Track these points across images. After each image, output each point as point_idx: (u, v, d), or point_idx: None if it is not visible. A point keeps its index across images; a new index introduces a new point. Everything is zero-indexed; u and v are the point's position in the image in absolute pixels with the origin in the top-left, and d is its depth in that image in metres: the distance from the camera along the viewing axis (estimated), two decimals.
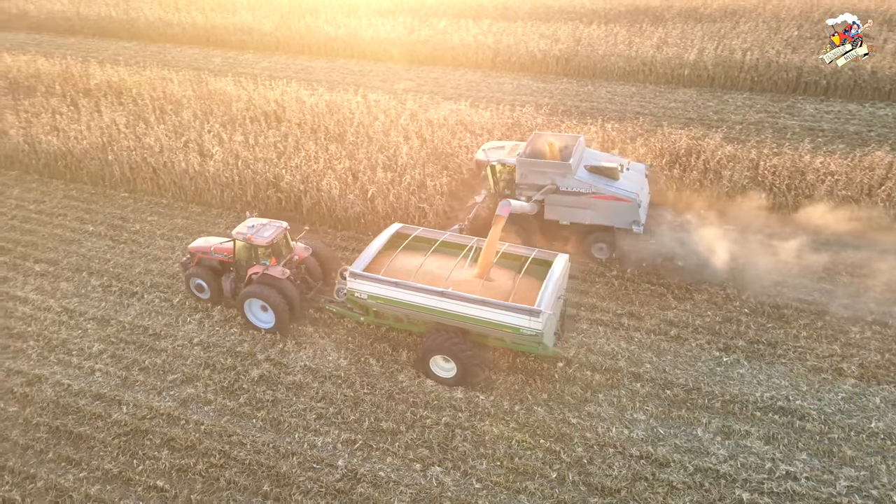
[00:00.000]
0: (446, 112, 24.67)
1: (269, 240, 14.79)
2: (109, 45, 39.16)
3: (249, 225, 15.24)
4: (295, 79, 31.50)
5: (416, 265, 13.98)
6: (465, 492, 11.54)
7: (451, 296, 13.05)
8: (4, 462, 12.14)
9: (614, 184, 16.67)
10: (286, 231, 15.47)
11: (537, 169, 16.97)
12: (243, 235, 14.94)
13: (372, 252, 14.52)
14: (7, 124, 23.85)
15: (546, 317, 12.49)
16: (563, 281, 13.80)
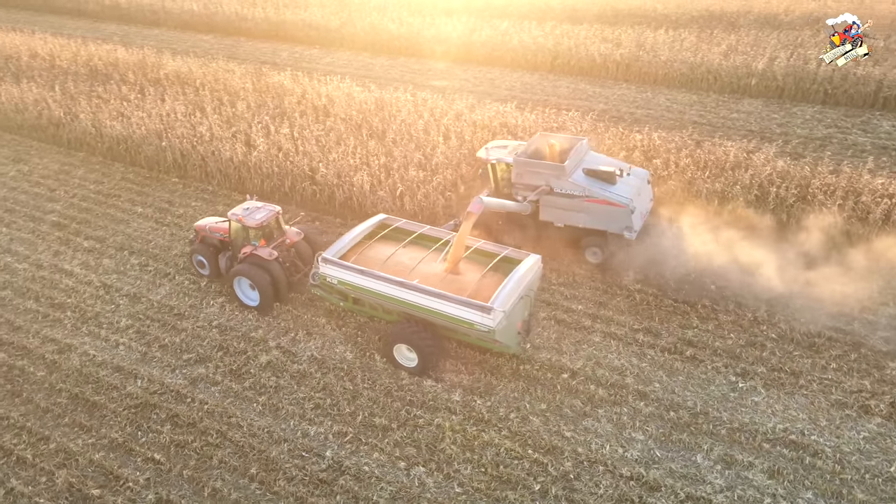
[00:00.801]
0: (492, 113, 24.52)
1: (259, 222, 15.53)
2: (189, 37, 41.19)
3: (245, 207, 16.01)
4: (353, 75, 32.17)
5: (387, 255, 14.37)
6: (445, 495, 11.49)
7: (411, 287, 13.31)
8: (24, 422, 13.05)
9: (609, 188, 16.34)
10: (278, 215, 16.14)
11: (533, 169, 16.86)
12: (236, 216, 15.73)
13: (347, 240, 15.04)
14: (79, 108, 25.53)
15: (500, 315, 12.48)
16: (529, 281, 13.71)
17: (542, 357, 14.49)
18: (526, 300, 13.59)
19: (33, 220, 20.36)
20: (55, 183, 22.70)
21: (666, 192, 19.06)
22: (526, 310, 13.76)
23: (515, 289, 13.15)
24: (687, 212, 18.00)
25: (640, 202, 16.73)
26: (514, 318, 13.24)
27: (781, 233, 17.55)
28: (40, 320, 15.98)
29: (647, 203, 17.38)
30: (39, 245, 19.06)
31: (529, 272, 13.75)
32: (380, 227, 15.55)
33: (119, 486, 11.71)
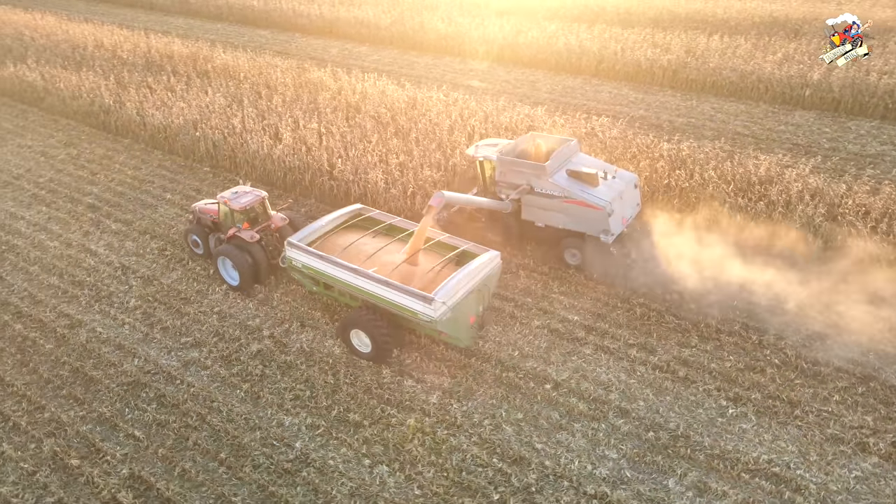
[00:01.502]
0: (521, 116, 24.25)
1: (243, 205, 16.36)
2: (247, 31, 42.60)
3: (234, 191, 16.90)
4: (396, 73, 32.54)
5: (350, 242, 14.98)
6: (403, 495, 11.48)
7: (362, 273, 13.71)
8: (26, 391, 13.87)
9: (590, 190, 16.13)
10: (264, 200, 16.93)
11: (515, 168, 16.86)
12: (224, 199, 16.59)
13: (316, 226, 15.60)
14: (127, 97, 26.84)
15: (441, 306, 12.71)
16: (484, 276, 13.83)
17: (528, 366, 14.25)
18: (479, 295, 13.71)
19: (71, 202, 21.56)
20: (98, 167, 23.96)
21: (685, 205, 18.37)
22: (480, 304, 13.88)
23: (464, 282, 13.33)
24: (702, 227, 17.35)
25: (622, 206, 16.47)
26: (464, 312, 13.42)
27: (803, 253, 16.62)
28: (59, 296, 16.92)
29: (631, 208, 17.10)
30: (72, 225, 20.18)
31: (483, 267, 13.87)
32: (353, 216, 16.14)
33: (98, 459, 12.28)
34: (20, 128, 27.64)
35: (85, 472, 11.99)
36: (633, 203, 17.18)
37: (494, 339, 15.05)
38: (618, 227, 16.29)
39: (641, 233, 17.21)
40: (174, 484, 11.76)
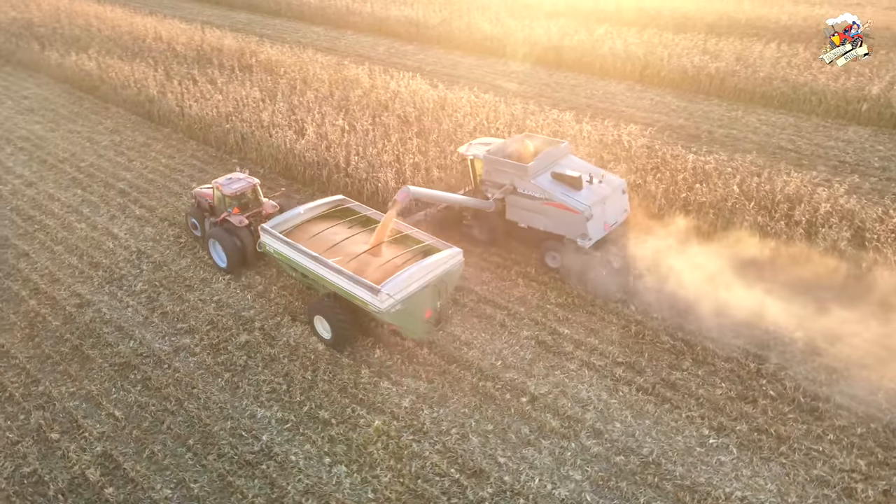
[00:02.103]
0: (548, 121, 23.77)
1: (234, 191, 17.11)
2: (302, 28, 43.54)
3: (228, 177, 17.69)
4: (436, 73, 32.57)
5: (320, 231, 15.55)
6: (356, 497, 11.44)
7: (321, 262, 14.17)
8: (27, 364, 14.63)
9: (572, 193, 16.01)
10: (255, 187, 17.64)
11: (499, 168, 16.95)
12: (217, 184, 17.36)
13: (293, 213, 16.27)
14: (170, 88, 27.93)
15: (388, 298, 12.99)
16: (442, 272, 14.00)
17: (508, 377, 13.95)
18: (435, 290, 13.90)
19: (105, 186, 22.60)
20: (135, 154, 25.02)
21: (702, 222, 17.53)
22: (438, 300, 14.10)
23: (417, 276, 13.56)
24: (713, 244, 16.57)
25: (605, 211, 16.21)
26: (418, 306, 13.65)
27: (821, 278, 15.59)
28: (76, 275, 17.77)
29: (616, 213, 16.79)
30: (101, 208, 21.15)
31: (441, 263, 14.05)
32: (333, 206, 16.72)
33: (77, 434, 12.81)
34: (74, 114, 29.20)
35: (62, 446, 12.54)
36: (619, 209, 16.86)
37: (480, 346, 14.82)
38: (598, 232, 16.08)
39: (635, 243, 16.66)
40: (141, 465, 12.13)
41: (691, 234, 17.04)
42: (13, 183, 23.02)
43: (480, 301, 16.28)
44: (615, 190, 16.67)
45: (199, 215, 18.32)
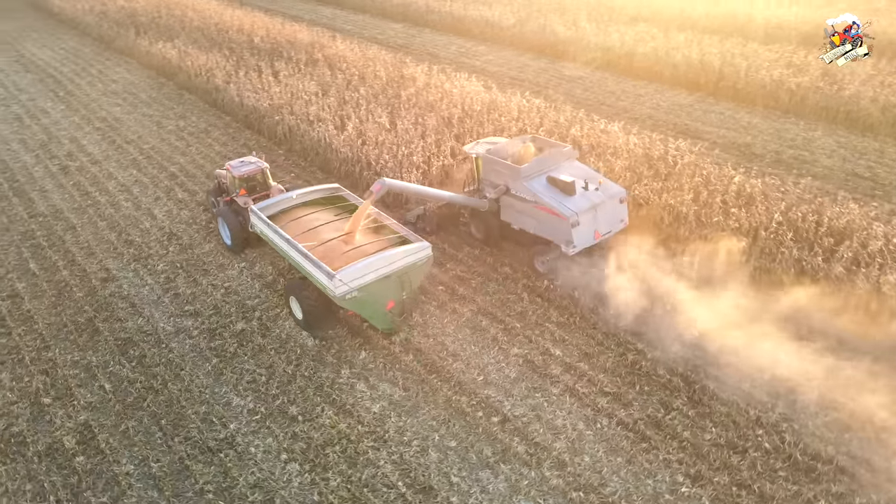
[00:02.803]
0: (595, 131, 22.78)
1: (242, 173, 18.08)
2: (382, 24, 44.26)
3: (241, 160, 18.72)
4: (500, 75, 32.18)
5: (305, 216, 16.21)
6: (300, 497, 11.43)
7: (291, 244, 14.73)
8: (43, 330, 15.69)
9: (563, 198, 15.76)
10: (264, 171, 18.49)
11: (495, 168, 17.02)
12: (228, 166, 18.48)
13: (284, 197, 17.02)
14: (233, 78, 29.14)
15: (341, 285, 13.34)
16: (405, 265, 14.22)
17: (486, 393, 13.47)
18: (398, 282, 14.12)
19: (158, 168, 23.91)
20: (194, 140, 26.31)
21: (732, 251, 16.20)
22: (403, 291, 14.35)
23: (377, 266, 13.81)
24: (736, 275, 15.29)
25: (596, 219, 15.84)
26: (379, 296, 13.94)
27: (855, 324, 13.99)
28: (109, 251, 18.90)
29: (611, 223, 16.32)
30: (150, 190, 22.39)
31: (405, 256, 14.21)
32: (326, 193, 17.40)
33: (67, 402, 13.60)
34: (151, 98, 31.12)
35: (51, 411, 13.36)
36: (614, 218, 16.32)
37: (466, 359, 14.42)
38: (585, 240, 15.74)
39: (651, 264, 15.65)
40: (114, 439, 12.70)
41: (715, 261, 15.78)
42: (82, 160, 24.82)
43: (479, 312, 15.85)
44: (611, 199, 16.10)
45: (217, 195, 19.32)
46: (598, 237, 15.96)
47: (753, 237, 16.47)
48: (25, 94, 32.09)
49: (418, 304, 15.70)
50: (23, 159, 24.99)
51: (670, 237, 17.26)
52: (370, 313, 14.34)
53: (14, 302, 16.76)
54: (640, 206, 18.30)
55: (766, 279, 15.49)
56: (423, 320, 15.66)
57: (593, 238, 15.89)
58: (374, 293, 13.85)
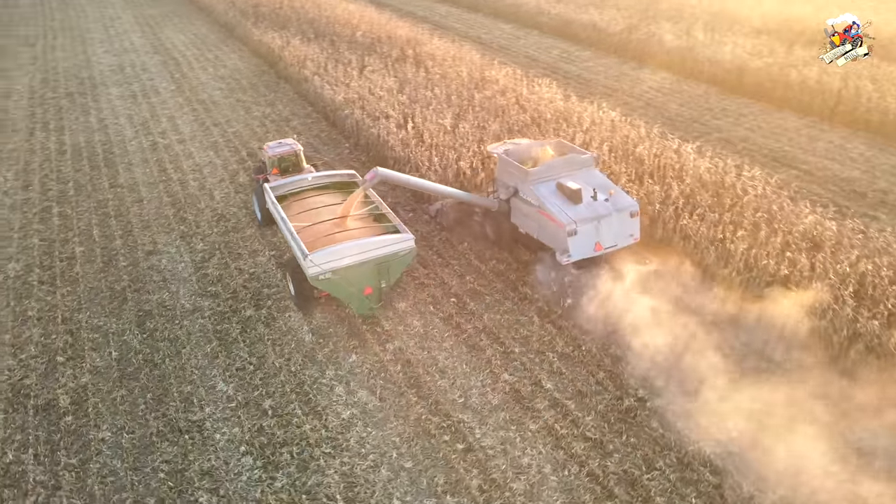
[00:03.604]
0: (667, 150, 21.04)
1: (275, 154, 19.29)
2: (490, 24, 43.90)
3: (279, 141, 20.06)
4: (594, 83, 30.85)
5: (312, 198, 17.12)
6: (244, 492, 11.44)
7: (284, 222, 15.61)
8: (84, 294, 16.91)
9: (564, 205, 15.41)
10: (297, 153, 19.59)
11: (507, 168, 16.94)
12: (264, 146, 19.93)
13: (297, 178, 18.01)
14: (321, 71, 30.01)
15: (313, 266, 13.97)
16: (385, 254, 14.58)
17: (460, 417, 12.82)
18: (376, 269, 14.55)
19: (233, 152, 25.15)
20: (274, 127, 27.40)
21: (778, 302, 14.30)
22: (382, 280, 14.78)
23: (353, 251, 14.28)
24: (783, 334, 13.52)
25: (599, 230, 15.31)
26: (355, 281, 14.45)
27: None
28: (162, 226, 20.11)
29: (617, 237, 15.67)
30: (218, 172, 23.58)
31: (384, 245, 14.62)
32: (341, 179, 18.14)
33: (77, 363, 14.58)
34: (250, 85, 32.89)
35: (61, 370, 14.39)
36: (622, 232, 15.65)
37: (452, 378, 13.81)
38: (583, 251, 15.26)
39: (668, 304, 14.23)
40: (103, 405, 13.43)
41: (753, 315, 14.03)
42: (171, 138, 26.69)
43: (483, 331, 15.14)
44: (620, 211, 15.53)
45: (259, 174, 20.30)
46: (600, 249, 15.42)
47: (806, 288, 14.39)
48: (147, 75, 35.08)
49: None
50: (124, 133, 27.28)
51: (710, 277, 15.57)
52: (345, 297, 14.83)
53: (69, 264, 18.28)
54: (686, 238, 16.69)
55: (817, 344, 13.47)
56: (425, 331, 15.23)
57: (593, 250, 15.36)
58: (348, 278, 14.31)
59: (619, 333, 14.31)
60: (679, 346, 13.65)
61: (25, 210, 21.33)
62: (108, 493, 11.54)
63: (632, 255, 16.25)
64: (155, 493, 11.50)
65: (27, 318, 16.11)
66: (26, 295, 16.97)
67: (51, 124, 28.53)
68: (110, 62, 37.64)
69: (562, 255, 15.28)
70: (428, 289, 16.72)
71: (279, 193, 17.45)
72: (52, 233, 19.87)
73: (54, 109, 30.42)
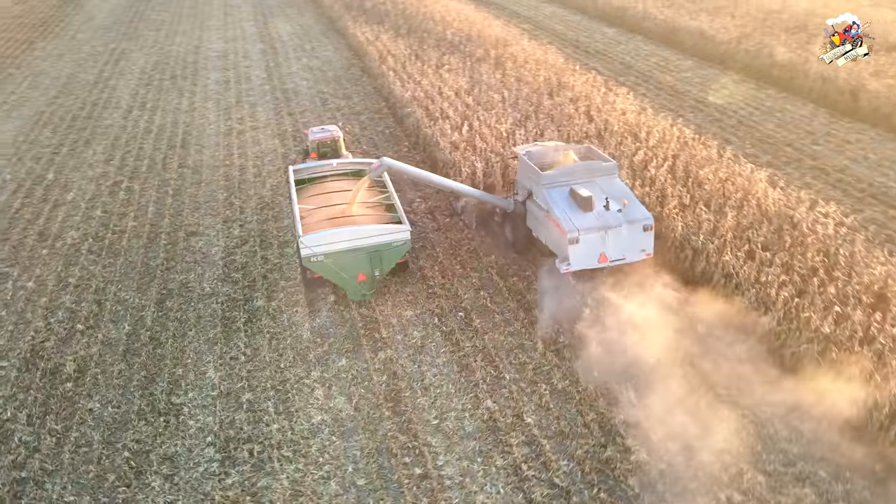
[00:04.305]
0: (731, 173, 18.98)
1: (316, 138, 20.08)
2: (594, 26, 41.96)
3: (322, 127, 21.14)
4: (684, 95, 28.77)
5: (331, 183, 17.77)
6: (195, 484, 11.50)
7: (293, 203, 16.43)
8: (121, 268, 17.87)
9: (571, 212, 15.00)
10: (335, 139, 20.15)
11: (525, 170, 16.75)
12: (306, 130, 21.18)
13: (323, 163, 18.76)
14: (399, 67, 30.02)
15: (304, 248, 14.55)
16: (377, 243, 14.96)
17: (427, 440, 12.18)
18: (368, 257, 14.83)
19: (299, 141, 25.69)
20: (343, 120, 27.60)
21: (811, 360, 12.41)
22: (375, 269, 15.10)
23: (345, 237, 14.73)
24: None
25: (605, 241, 14.72)
26: (348, 266, 14.84)
27: None
28: (211, 209, 20.88)
29: (626, 250, 14.99)
30: (277, 161, 24.11)
31: (377, 234, 14.99)
32: (363, 167, 18.47)
33: (94, 331, 15.43)
34: (335, 77, 33.51)
35: (76, 338, 15.25)
36: (632, 245, 14.96)
37: (434, 397, 13.17)
38: (585, 261, 14.77)
39: None
40: (101, 377, 14.08)
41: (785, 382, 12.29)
42: (247, 125, 27.76)
43: (480, 351, 14.35)
44: (632, 223, 14.86)
45: (304, 158, 21.02)
46: (605, 261, 14.90)
47: (849, 350, 12.34)
48: (246, 62, 36.82)
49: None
50: (207, 117, 28.77)
51: (745, 326, 13.80)
52: (338, 280, 15.28)
53: (118, 237, 19.43)
54: (727, 276, 14.93)
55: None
56: (422, 344, 14.69)
57: (597, 261, 14.87)
58: (340, 263, 14.73)
59: (620, 375, 12.99)
60: (683, 404, 12.14)
61: (100, 182, 22.99)
62: (77, 463, 12.04)
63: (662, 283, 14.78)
64: (117, 470, 11.84)
65: (67, 284, 17.28)
66: (73, 262, 18.22)
67: (148, 104, 30.66)
68: (218, 48, 39.90)
69: (561, 262, 14.82)
70: (439, 300, 16.13)
71: (302, 177, 18.12)
72: (115, 206, 21.25)
73: (156, 91, 32.66)
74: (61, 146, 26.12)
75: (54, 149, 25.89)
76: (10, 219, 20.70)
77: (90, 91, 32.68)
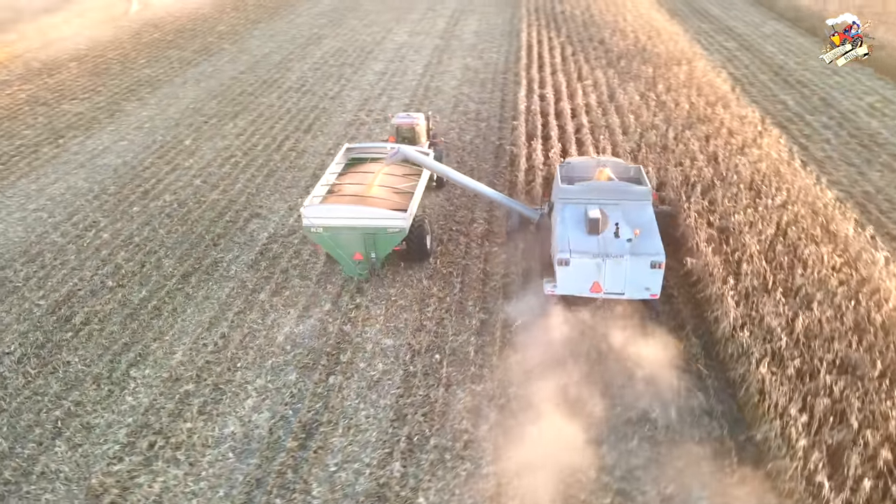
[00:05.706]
0: (869, 266, 14.41)
1: (397, 123, 20.57)
2: (817, 49, 35.47)
3: (407, 113, 21.46)
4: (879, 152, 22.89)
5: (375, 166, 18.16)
6: (89, 461, 11.71)
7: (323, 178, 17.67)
8: (176, 235, 19.03)
9: (575, 233, 14.07)
10: (414, 126, 20.43)
11: (555, 182, 16.17)
12: (391, 114, 22.86)
13: (378, 145, 19.77)
14: (547, 73, 27.99)
15: (304, 218, 15.46)
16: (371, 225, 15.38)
17: (311, 490, 11.01)
18: (362, 238, 15.40)
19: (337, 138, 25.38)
20: (487, 130, 26.55)
21: None
22: (371, 252, 15.63)
23: (344, 214, 15.44)
24: None
25: (602, 271, 13.51)
26: (345, 243, 15.53)
27: None
28: (285, 195, 21.27)
29: (626, 285, 13.64)
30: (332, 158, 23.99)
31: (374, 217, 15.44)
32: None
33: (115, 292, 16.50)
34: (486, 79, 32.47)
35: (101, 293, 16.47)
36: (635, 282, 13.54)
37: (352, 450, 11.85)
38: (574, 287, 13.78)
39: None
40: (95, 334, 14.95)
41: None
42: (373, 117, 28.03)
43: (428, 405, 12.63)
44: (637, 257, 13.37)
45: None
46: (598, 291, 13.72)
47: None
48: (413, 56, 36.98)
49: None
50: (345, 105, 29.53)
51: None
52: (335, 255, 15.99)
53: (197, 207, 20.72)
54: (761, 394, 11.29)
55: None
56: (379, 379, 13.40)
57: (588, 290, 13.74)
58: (337, 238, 15.45)
59: None
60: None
61: (220, 154, 24.85)
62: (24, 409, 12.97)
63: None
64: (42, 425, 12.52)
65: (131, 242, 18.88)
66: (149, 223, 19.86)
67: (305, 87, 32.60)
68: (399, 41, 41.01)
69: (547, 282, 13.99)
70: (427, 335, 14.62)
71: (353, 156, 19.11)
72: (213, 179, 22.79)
73: (322, 77, 34.51)
74: (213, 117, 28.82)
75: (207, 119, 28.67)
76: (134, 175, 23.29)
77: (270, 70, 35.69)
